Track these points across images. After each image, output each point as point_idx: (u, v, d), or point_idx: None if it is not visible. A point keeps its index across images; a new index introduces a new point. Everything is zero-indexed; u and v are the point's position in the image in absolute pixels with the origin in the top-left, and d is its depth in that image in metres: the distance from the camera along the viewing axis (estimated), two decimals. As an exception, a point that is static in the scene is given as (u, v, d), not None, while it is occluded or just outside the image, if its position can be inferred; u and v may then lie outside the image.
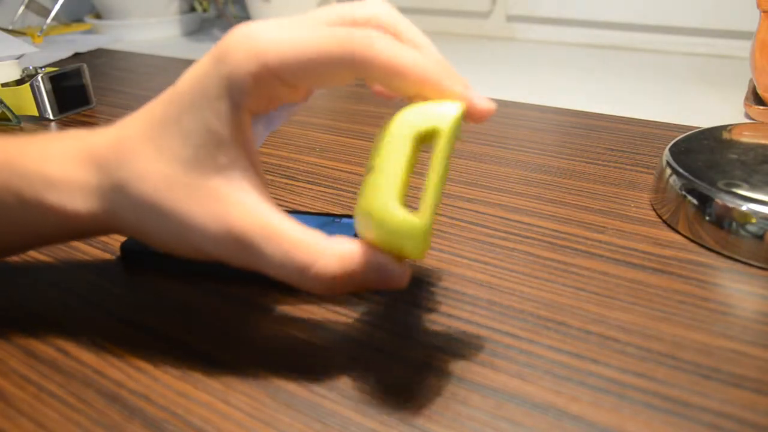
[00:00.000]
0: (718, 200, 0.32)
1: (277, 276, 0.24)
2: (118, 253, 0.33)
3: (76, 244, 0.35)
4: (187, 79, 0.24)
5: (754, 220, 0.30)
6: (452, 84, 0.23)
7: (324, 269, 0.23)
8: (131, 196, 0.24)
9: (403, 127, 0.23)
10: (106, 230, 0.27)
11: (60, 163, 0.26)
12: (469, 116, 0.23)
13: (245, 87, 0.23)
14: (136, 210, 0.25)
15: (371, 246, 0.24)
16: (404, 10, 0.26)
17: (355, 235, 0.25)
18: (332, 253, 0.23)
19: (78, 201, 0.25)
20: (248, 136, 0.25)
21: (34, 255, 0.34)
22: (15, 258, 0.34)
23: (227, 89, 0.23)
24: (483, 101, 0.23)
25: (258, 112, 0.25)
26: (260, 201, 0.24)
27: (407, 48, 0.23)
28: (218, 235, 0.24)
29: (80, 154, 0.26)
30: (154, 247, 0.26)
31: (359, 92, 0.63)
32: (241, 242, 0.24)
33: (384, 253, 0.24)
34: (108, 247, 0.34)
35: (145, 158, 0.24)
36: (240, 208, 0.24)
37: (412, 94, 0.24)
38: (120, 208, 0.25)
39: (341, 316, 0.28)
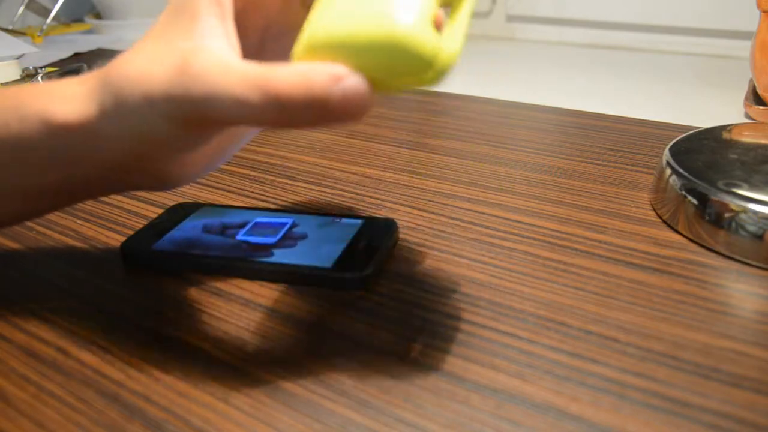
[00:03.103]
0: (718, 200, 0.32)
1: (231, 108, 0.22)
2: (118, 253, 0.33)
3: (76, 243, 0.35)
4: None
5: (754, 220, 0.30)
6: None
7: (279, 85, 0.21)
8: (113, 80, 0.24)
9: None
10: (97, 147, 0.26)
11: (64, 83, 0.26)
12: None
13: None
14: (114, 94, 0.24)
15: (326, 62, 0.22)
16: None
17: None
18: (286, 69, 0.22)
19: (72, 108, 0.25)
20: (226, 13, 0.25)
21: (34, 255, 0.34)
22: (15, 258, 0.34)
23: None
24: None
25: None
26: (229, 52, 0.24)
27: None
28: (174, 77, 0.23)
29: (84, 76, 0.26)
30: (133, 146, 0.25)
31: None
32: (193, 75, 0.23)
33: (342, 64, 0.22)
34: (108, 247, 0.34)
35: (135, 48, 0.25)
36: (200, 52, 0.23)
37: None
38: (103, 102, 0.25)
39: (341, 316, 0.28)
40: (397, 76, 0.22)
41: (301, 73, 0.22)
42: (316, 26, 0.23)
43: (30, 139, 0.26)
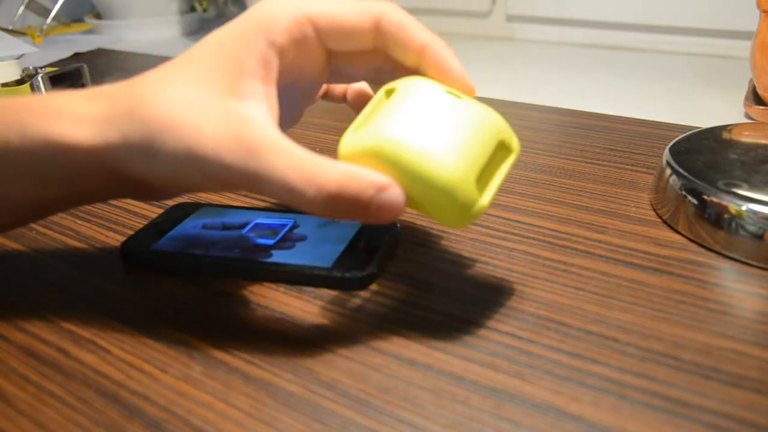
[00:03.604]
0: (718, 200, 0.32)
1: (282, 190, 0.23)
2: (118, 253, 0.33)
3: (76, 243, 0.35)
4: (222, 29, 0.26)
5: (754, 220, 0.30)
6: (450, 57, 0.26)
7: (327, 180, 0.23)
8: (142, 117, 0.24)
9: (489, 129, 0.26)
10: (108, 168, 0.25)
11: (69, 100, 0.26)
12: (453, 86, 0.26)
13: (280, 26, 0.25)
14: (142, 133, 0.24)
15: (372, 170, 0.24)
16: (404, 10, 0.27)
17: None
18: (336, 166, 0.24)
19: (83, 130, 0.25)
20: (272, 77, 0.25)
21: (34, 255, 0.34)
22: (15, 258, 0.34)
23: (262, 27, 0.25)
24: (467, 79, 0.27)
25: (287, 62, 0.26)
26: (273, 125, 0.25)
27: (418, 23, 0.27)
28: (228, 142, 0.23)
29: (90, 95, 0.26)
30: (151, 181, 0.25)
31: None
32: (249, 149, 0.23)
33: (384, 174, 0.24)
34: (108, 247, 0.34)
35: (164, 83, 0.25)
36: (253, 123, 0.24)
37: (413, 65, 0.27)
38: (127, 134, 0.24)
39: (341, 316, 0.28)
40: (433, 207, 0.25)
41: (352, 176, 0.23)
42: (378, 133, 0.24)
43: (31, 157, 0.25)
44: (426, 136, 0.24)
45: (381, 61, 0.28)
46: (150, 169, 0.25)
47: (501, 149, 0.26)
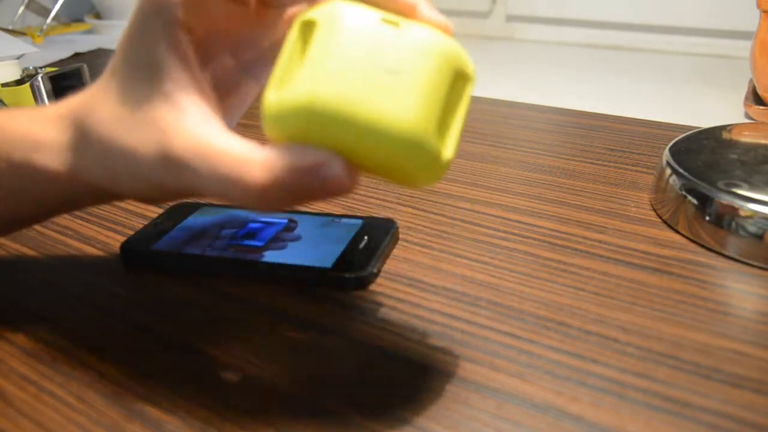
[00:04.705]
0: (718, 200, 0.32)
1: (220, 197, 0.23)
2: (118, 253, 0.33)
3: (76, 243, 0.35)
4: (123, 30, 0.25)
5: (754, 220, 0.30)
6: None
7: (252, 180, 0.21)
8: (92, 142, 0.25)
9: (442, 61, 0.21)
10: (84, 190, 0.26)
11: (44, 125, 0.26)
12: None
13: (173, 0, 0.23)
14: (96, 156, 0.25)
15: (296, 145, 0.21)
16: None
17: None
18: (257, 162, 0.21)
19: (56, 160, 0.25)
20: (189, 56, 0.24)
21: (34, 255, 0.34)
22: (15, 258, 0.34)
23: (155, 7, 0.24)
24: (439, 17, 0.22)
25: (196, 31, 0.24)
26: (202, 122, 0.23)
27: None
28: (158, 160, 0.23)
29: (61, 115, 0.26)
30: (122, 195, 0.26)
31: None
32: (177, 164, 0.23)
33: (313, 150, 0.20)
34: (108, 247, 0.34)
35: (102, 103, 0.25)
36: (180, 133, 0.23)
37: None
38: (89, 159, 0.25)
39: (341, 316, 0.28)
40: (390, 169, 0.21)
41: (279, 165, 0.21)
42: (306, 89, 0.20)
43: (19, 180, 0.26)
44: (365, 84, 0.20)
45: None
46: (116, 189, 0.26)
47: (457, 80, 0.22)
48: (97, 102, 0.25)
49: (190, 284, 0.31)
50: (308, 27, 0.22)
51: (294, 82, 0.20)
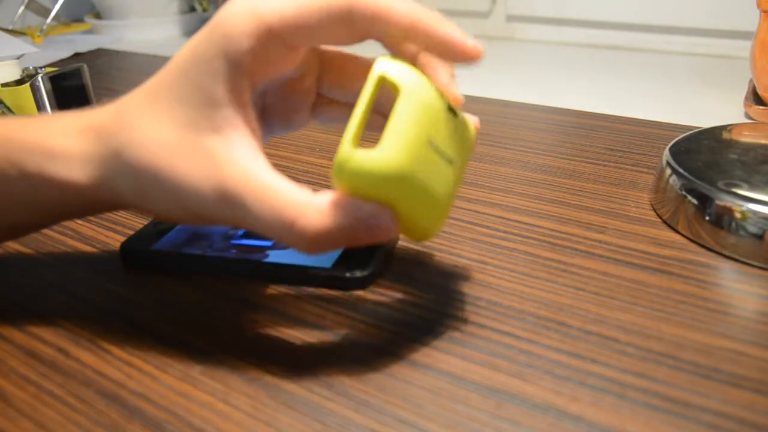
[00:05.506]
0: (718, 200, 0.32)
1: (266, 234, 0.24)
2: (118, 253, 0.33)
3: (76, 243, 0.35)
4: (185, 48, 0.25)
5: (754, 220, 0.30)
6: (442, 26, 0.24)
7: (307, 225, 0.23)
8: (129, 162, 0.24)
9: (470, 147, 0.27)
10: (105, 201, 0.27)
11: (60, 136, 0.26)
12: (460, 56, 0.24)
13: (243, 46, 0.23)
14: (132, 176, 0.25)
15: (353, 197, 0.23)
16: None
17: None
18: (314, 208, 0.23)
19: (77, 170, 0.25)
20: (245, 100, 0.24)
21: (34, 255, 0.34)
22: (15, 258, 0.34)
23: (224, 48, 0.24)
24: (469, 41, 0.24)
25: (256, 79, 0.25)
26: (253, 159, 0.24)
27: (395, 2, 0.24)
28: (210, 193, 0.24)
29: (80, 127, 0.26)
30: (150, 213, 0.26)
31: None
32: (230, 200, 0.23)
33: (368, 203, 0.23)
34: (108, 247, 0.34)
35: (143, 124, 0.24)
36: (232, 167, 0.24)
37: (401, 37, 0.24)
38: (117, 176, 0.25)
39: (342, 316, 0.28)
40: (415, 214, 0.24)
41: (332, 216, 0.23)
42: (392, 162, 0.23)
43: (29, 190, 0.26)
44: (431, 167, 0.24)
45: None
46: (145, 207, 0.26)
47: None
48: (133, 122, 0.25)
49: (190, 284, 0.31)
50: (385, 84, 0.24)
51: (379, 148, 0.23)
